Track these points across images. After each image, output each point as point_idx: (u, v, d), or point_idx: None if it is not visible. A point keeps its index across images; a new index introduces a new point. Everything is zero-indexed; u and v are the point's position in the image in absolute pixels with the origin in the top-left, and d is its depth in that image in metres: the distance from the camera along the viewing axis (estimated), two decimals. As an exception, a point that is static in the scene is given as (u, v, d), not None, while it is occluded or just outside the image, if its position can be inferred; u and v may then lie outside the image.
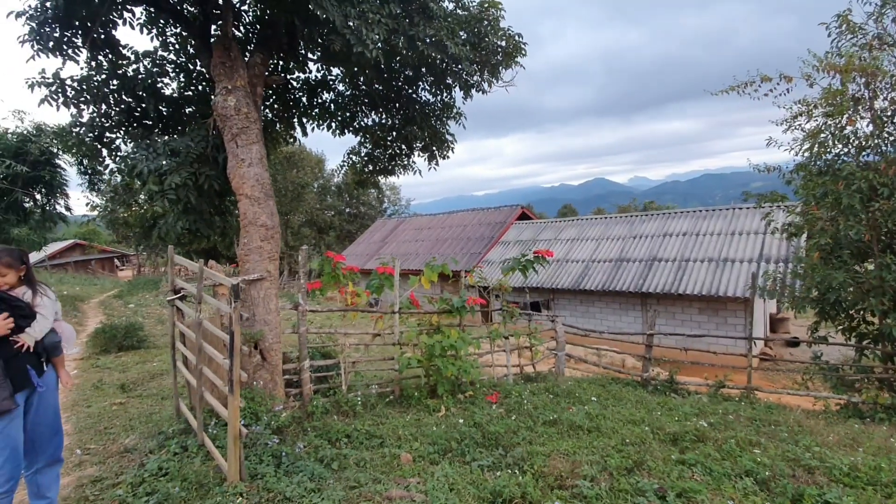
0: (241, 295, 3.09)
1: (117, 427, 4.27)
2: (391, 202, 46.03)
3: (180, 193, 4.66)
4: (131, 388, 6.02)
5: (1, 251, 2.49)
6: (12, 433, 2.33)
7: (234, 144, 4.51)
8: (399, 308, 6.08)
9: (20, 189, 14.67)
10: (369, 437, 4.44)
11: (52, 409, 2.62)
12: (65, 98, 5.20)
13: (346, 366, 5.61)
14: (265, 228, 4.67)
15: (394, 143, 7.73)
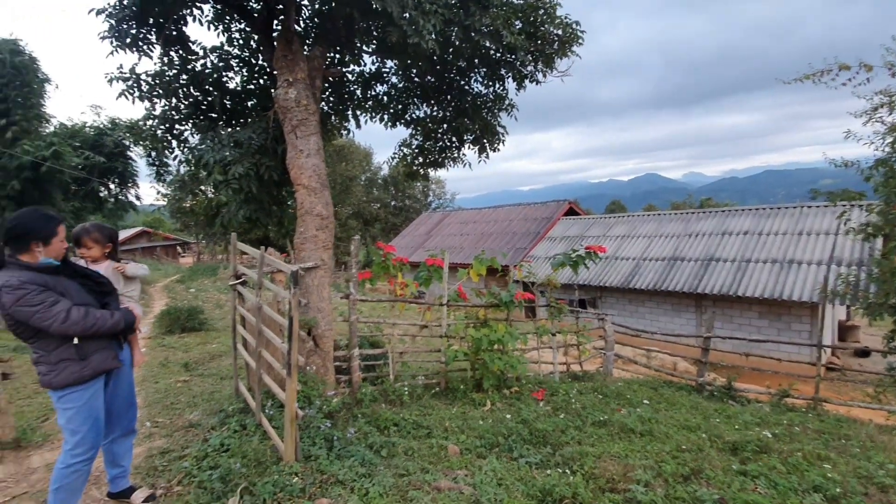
0: (299, 282, 3.18)
1: (182, 403, 4.54)
2: (436, 196, 46.31)
3: (243, 183, 4.86)
4: (193, 367, 6.38)
5: (93, 225, 2.68)
6: (96, 404, 2.49)
7: (294, 135, 4.64)
8: (447, 300, 6.09)
9: (97, 179, 15.89)
10: (417, 426, 4.48)
11: (128, 384, 2.79)
12: (140, 92, 5.52)
13: (393, 356, 5.68)
14: (320, 218, 4.78)
15: (444, 136, 7.72)
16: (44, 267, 2.29)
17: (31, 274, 2.23)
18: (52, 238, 2.32)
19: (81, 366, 2.37)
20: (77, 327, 2.26)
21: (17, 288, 2.15)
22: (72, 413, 2.40)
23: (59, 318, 2.21)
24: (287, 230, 6.26)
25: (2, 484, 3.02)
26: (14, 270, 2.23)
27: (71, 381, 2.35)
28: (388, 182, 43.25)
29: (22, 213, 2.32)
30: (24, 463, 3.34)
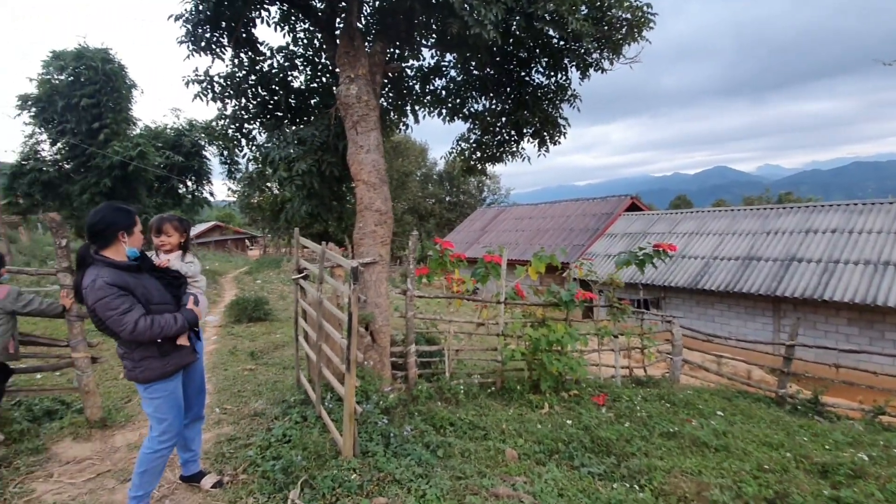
0: (358, 278, 3.17)
1: (248, 391, 4.73)
2: (491, 191, 45.94)
3: (305, 179, 4.97)
4: (259, 356, 6.67)
5: (171, 215, 2.81)
6: (178, 393, 2.61)
7: (354, 131, 4.67)
8: (504, 298, 5.94)
9: (176, 177, 17.13)
10: (473, 427, 4.40)
11: (199, 372, 2.90)
12: (213, 93, 5.80)
13: (449, 353, 5.62)
14: (379, 213, 4.79)
15: (503, 129, 7.54)
16: (127, 265, 2.38)
17: (114, 274, 2.28)
18: (133, 227, 2.43)
19: (163, 362, 2.47)
20: (144, 336, 2.32)
21: (99, 289, 2.22)
22: (159, 402, 2.51)
23: (128, 329, 2.27)
24: (346, 225, 6.37)
25: (88, 461, 3.26)
26: (100, 268, 2.29)
27: (155, 377, 2.46)
28: (443, 178, 43.44)
29: (101, 208, 2.42)
30: (108, 441, 3.60)
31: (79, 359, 3.67)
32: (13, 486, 2.89)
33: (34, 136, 15.60)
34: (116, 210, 2.42)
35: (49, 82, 14.73)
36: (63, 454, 3.36)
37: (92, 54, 14.57)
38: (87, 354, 3.69)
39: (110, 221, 2.37)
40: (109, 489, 2.95)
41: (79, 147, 14.82)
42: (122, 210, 2.45)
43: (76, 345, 3.66)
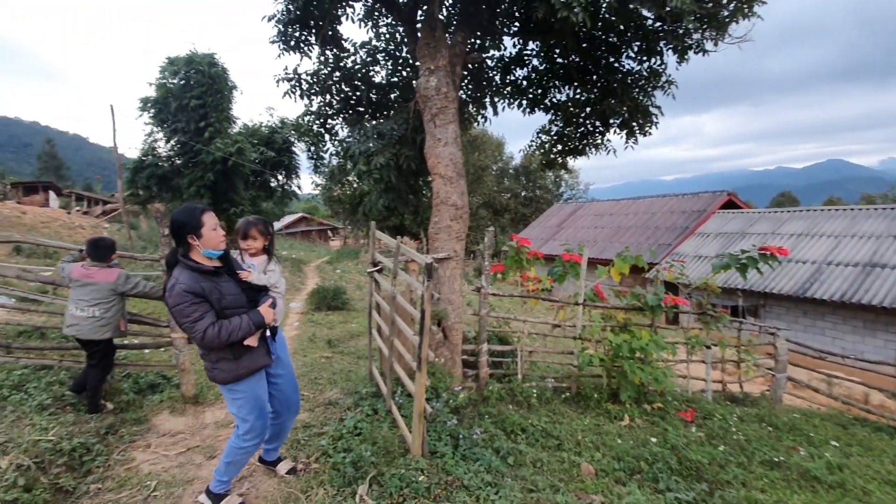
0: (432, 274, 3.09)
1: (324, 379, 4.88)
2: (569, 186, 44.40)
3: (383, 173, 5.00)
4: (335, 345, 6.91)
5: (256, 219, 2.81)
6: (260, 394, 2.63)
7: (433, 124, 4.60)
8: (584, 300, 5.60)
9: (269, 171, 18.42)
10: (546, 435, 4.17)
11: (288, 368, 2.92)
12: (300, 91, 6.04)
13: (522, 354, 5.42)
14: (455, 208, 4.69)
15: (587, 120, 7.12)
16: (205, 269, 2.38)
17: (192, 279, 2.30)
18: (200, 228, 2.35)
19: (236, 365, 2.47)
20: (213, 344, 2.33)
21: (177, 295, 2.26)
22: (240, 402, 2.56)
23: (198, 336, 2.31)
24: (422, 219, 6.37)
25: (181, 435, 3.52)
26: (181, 271, 2.33)
27: (229, 379, 2.48)
28: (519, 172, 42.69)
29: (176, 210, 2.45)
30: (199, 417, 3.86)
31: (176, 339, 3.97)
32: (117, 452, 3.18)
33: (152, 135, 17.54)
34: (183, 211, 2.39)
35: (165, 86, 16.46)
36: (160, 426, 3.65)
37: (200, 59, 16.04)
38: (183, 335, 3.98)
39: (179, 223, 2.36)
40: (197, 464, 3.14)
41: (187, 144, 16.41)
42: (186, 210, 2.39)
43: (174, 326, 3.97)
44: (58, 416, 3.34)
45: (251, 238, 2.74)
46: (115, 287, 3.57)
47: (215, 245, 2.41)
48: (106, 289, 3.54)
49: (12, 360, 3.85)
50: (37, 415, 3.30)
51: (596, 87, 6.88)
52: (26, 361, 3.88)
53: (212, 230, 2.38)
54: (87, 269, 3.57)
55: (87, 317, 3.48)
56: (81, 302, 3.48)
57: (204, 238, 2.36)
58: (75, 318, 3.48)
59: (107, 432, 3.37)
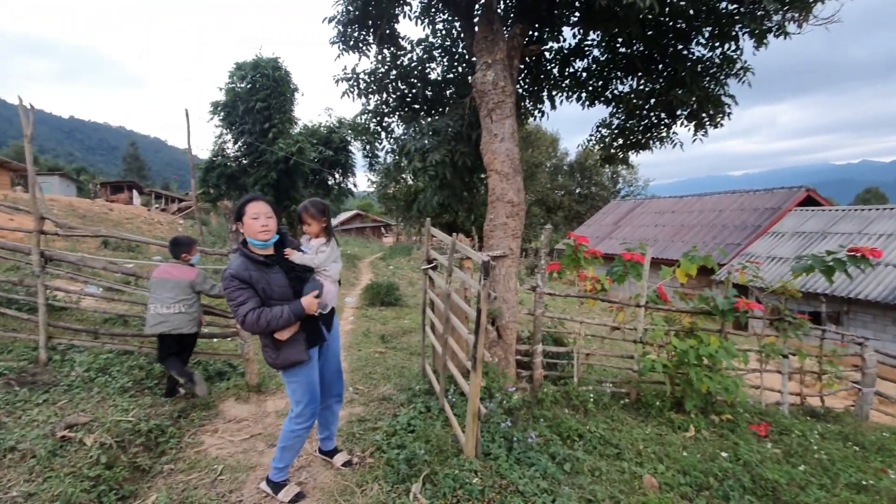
0: (489, 272, 3.02)
1: (378, 374, 4.94)
2: (626, 182, 42.67)
3: (438, 169, 4.98)
4: (388, 340, 7.01)
5: (309, 203, 2.81)
6: (311, 379, 2.71)
7: (489, 119, 4.52)
8: (646, 301, 5.31)
9: (327, 170, 19.07)
10: (604, 442, 3.99)
11: (335, 357, 3.01)
12: (358, 90, 6.14)
13: (579, 356, 5.22)
14: (511, 205, 4.59)
15: (651, 112, 6.75)
16: (256, 258, 2.45)
17: (242, 266, 2.41)
18: (241, 217, 2.45)
19: (276, 355, 2.56)
20: (253, 329, 2.40)
21: (225, 279, 2.41)
22: (294, 386, 2.66)
23: (239, 320, 2.40)
24: (476, 216, 6.31)
25: (245, 422, 3.68)
26: (237, 257, 2.48)
27: (272, 365, 2.60)
28: (573, 168, 41.54)
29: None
30: (262, 405, 4.03)
31: (242, 330, 4.16)
32: (188, 435, 3.37)
33: (221, 137, 18.65)
34: (239, 200, 2.53)
35: (233, 90, 17.44)
36: (227, 412, 3.84)
37: (265, 63, 16.85)
38: (248, 326, 4.16)
39: (235, 213, 2.50)
40: (259, 451, 3.27)
41: (253, 145, 17.31)
42: (241, 199, 2.52)
43: (240, 317, 4.16)
44: (137, 399, 3.59)
45: (305, 223, 2.76)
46: (193, 284, 3.79)
47: (254, 234, 2.44)
48: (185, 285, 3.77)
49: (98, 344, 4.20)
50: (119, 396, 3.57)
51: (662, 77, 6.50)
52: (111, 346, 4.22)
53: (251, 219, 2.43)
54: (169, 267, 3.82)
55: (174, 313, 3.71)
56: (167, 299, 3.71)
57: (245, 226, 2.45)
58: (163, 316, 3.70)
59: (179, 416, 3.58)
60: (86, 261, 4.13)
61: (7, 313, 4.19)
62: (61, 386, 3.59)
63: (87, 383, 3.71)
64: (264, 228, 2.46)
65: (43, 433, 2.86)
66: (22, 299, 4.61)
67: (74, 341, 4.19)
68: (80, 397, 3.47)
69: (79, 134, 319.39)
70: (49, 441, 2.77)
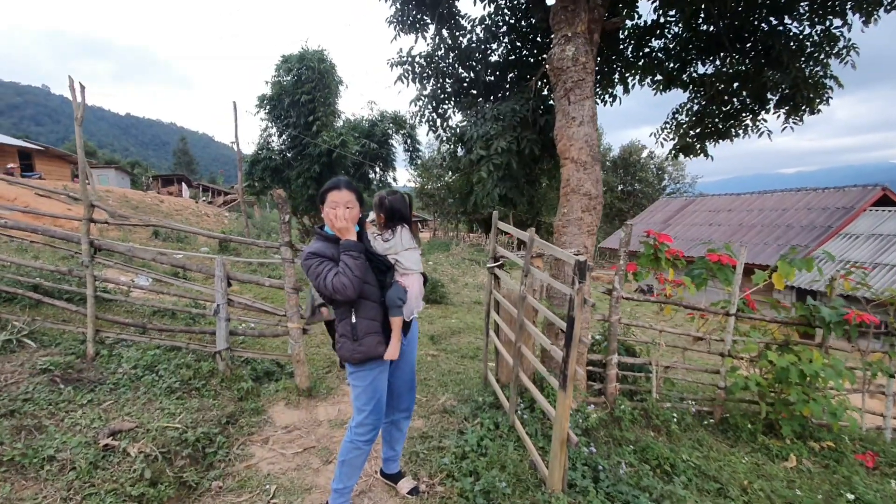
0: (585, 275, 2.54)
1: (433, 381, 4.54)
2: (672, 179, 40.80)
3: (503, 158, 4.51)
4: (438, 341, 6.61)
5: (376, 196, 2.56)
6: (379, 385, 2.40)
7: (567, 100, 4.01)
8: (736, 310, 4.66)
9: (369, 163, 18.90)
10: (701, 474, 3.43)
11: (410, 366, 2.63)
12: (413, 74, 5.74)
13: (658, 369, 4.64)
14: (588, 198, 4.07)
15: (736, 97, 6.03)
16: (336, 238, 2.30)
17: (322, 246, 2.31)
18: (321, 204, 2.33)
19: (354, 346, 2.31)
20: (346, 288, 2.18)
21: (306, 256, 2.27)
22: (359, 391, 2.38)
23: (329, 287, 2.19)
24: (536, 210, 5.79)
25: (297, 432, 3.35)
26: (315, 240, 2.38)
27: (346, 358, 2.34)
28: (617, 164, 39.99)
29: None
30: (313, 412, 3.70)
31: (292, 329, 3.85)
32: (237, 446, 3.07)
33: (267, 130, 18.78)
34: (323, 187, 2.39)
35: (279, 83, 17.49)
36: (277, 418, 3.53)
37: (311, 56, 16.77)
38: (298, 325, 3.85)
39: (318, 198, 2.40)
40: (314, 469, 2.92)
41: (297, 138, 17.32)
42: (325, 185, 2.39)
43: (291, 316, 3.84)
44: (184, 402, 3.33)
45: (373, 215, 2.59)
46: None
47: (328, 223, 2.31)
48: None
49: (146, 339, 3.99)
50: (165, 398, 3.31)
51: (750, 57, 5.78)
52: (158, 342, 4.00)
53: (329, 208, 2.28)
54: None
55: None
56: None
57: (323, 213, 2.32)
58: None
59: (227, 422, 3.30)
60: (135, 251, 3.92)
61: (56, 304, 4.05)
62: (107, 384, 3.37)
63: (134, 381, 3.48)
64: (335, 220, 2.27)
65: (85, 440, 2.60)
66: (72, 290, 4.47)
67: (122, 335, 4.00)
68: (126, 398, 3.24)
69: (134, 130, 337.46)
70: (91, 451, 2.51)
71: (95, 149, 66.95)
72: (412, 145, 20.63)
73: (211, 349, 3.98)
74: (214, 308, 3.85)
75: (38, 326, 3.95)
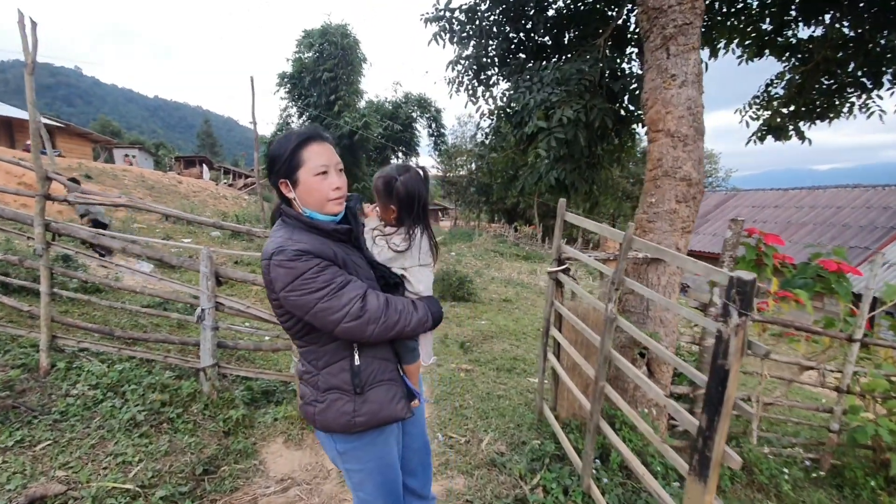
0: (751, 297, 1.60)
1: (471, 410, 3.62)
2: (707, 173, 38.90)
3: (568, 131, 3.52)
4: (469, 349, 5.72)
5: (378, 175, 1.68)
6: (389, 461, 1.54)
7: (664, 53, 2.99)
8: (862, 334, 3.62)
9: (392, 145, 18.00)
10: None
11: (421, 427, 1.79)
12: (451, 33, 4.78)
13: (758, 406, 3.64)
14: (687, 184, 3.07)
15: (844, 67, 4.90)
16: (328, 229, 1.39)
17: (314, 239, 1.35)
18: (297, 170, 1.40)
19: (355, 406, 1.41)
20: (377, 327, 1.35)
21: (292, 257, 1.27)
22: (361, 476, 1.52)
23: (353, 311, 1.30)
24: (596, 199, 4.80)
25: (296, 490, 2.46)
26: (290, 230, 1.37)
27: (339, 427, 1.42)
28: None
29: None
30: (319, 454, 2.85)
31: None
32: (213, 513, 2.22)
33: (286, 110, 18.01)
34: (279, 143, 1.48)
35: (300, 61, 16.62)
36: (272, 465, 2.68)
37: (333, 31, 15.84)
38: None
39: (282, 165, 1.49)
40: (315, 562, 2.05)
41: (318, 118, 16.48)
42: (284, 139, 1.47)
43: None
44: (149, 441, 2.50)
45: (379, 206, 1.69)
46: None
47: (320, 202, 1.40)
48: None
49: (114, 349, 3.17)
50: (124, 436, 2.48)
51: (867, 17, 4.64)
52: (130, 353, 3.18)
53: (315, 174, 1.37)
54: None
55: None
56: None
57: (302, 187, 1.38)
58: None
59: (205, 470, 2.45)
60: (99, 238, 3.11)
61: (4, 301, 3.26)
62: (52, 414, 2.56)
63: (89, 409, 2.66)
64: (339, 193, 1.41)
65: (-14, 515, 1.79)
66: (25, 284, 3.65)
67: (86, 343, 3.19)
68: (71, 436, 2.42)
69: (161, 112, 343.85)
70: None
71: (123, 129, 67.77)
72: (437, 129, 19.64)
73: (195, 363, 3.15)
74: (198, 313, 3.01)
75: (-19, 329, 3.19)
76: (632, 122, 4.50)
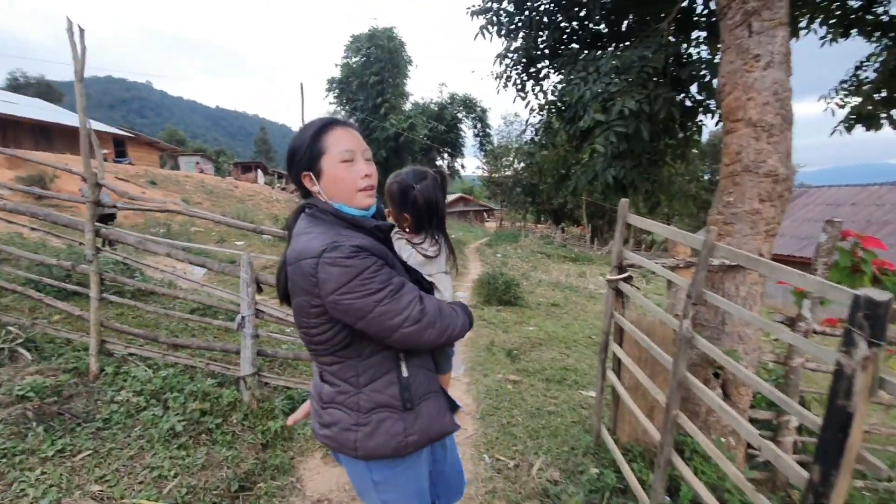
0: (885, 330, 1.28)
1: (520, 429, 3.36)
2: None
3: (630, 124, 3.19)
4: (517, 358, 5.43)
5: (393, 177, 1.58)
6: (419, 486, 1.37)
7: (746, 30, 2.62)
8: None
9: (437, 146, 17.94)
10: None
11: (453, 450, 1.61)
12: (499, 25, 4.54)
13: (856, 438, 3.15)
14: (772, 180, 2.67)
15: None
16: (370, 226, 1.23)
17: (354, 234, 1.20)
18: (319, 159, 1.25)
19: (405, 422, 1.25)
20: (433, 331, 1.22)
21: (347, 254, 1.11)
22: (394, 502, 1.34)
23: (413, 314, 1.18)
24: (658, 199, 4.40)
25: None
26: (336, 231, 1.18)
27: (390, 451, 1.24)
28: (705, 151, 36.10)
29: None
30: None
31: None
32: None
33: (335, 114, 18.37)
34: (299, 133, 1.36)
35: (348, 65, 16.89)
36: (309, 483, 2.54)
37: (380, 34, 15.97)
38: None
39: (303, 155, 1.33)
40: None
41: (365, 121, 16.68)
42: (305, 130, 1.32)
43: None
44: (186, 453, 2.43)
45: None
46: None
47: (349, 193, 1.23)
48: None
49: (159, 355, 3.18)
50: (163, 447, 2.43)
51: None
52: (173, 358, 3.17)
53: (341, 161, 1.20)
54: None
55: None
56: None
57: (326, 178, 1.21)
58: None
59: (241, 487, 2.35)
60: (146, 244, 3.12)
61: (57, 306, 3.35)
62: (95, 422, 2.56)
63: (132, 417, 2.65)
64: (368, 182, 1.24)
65: (17, 532, 1.74)
66: (76, 289, 3.75)
67: (132, 348, 3.22)
68: (112, 446, 2.39)
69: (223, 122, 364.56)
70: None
71: (185, 138, 72.17)
72: (482, 130, 19.38)
73: (235, 371, 3.09)
74: (238, 320, 2.94)
75: (35, 332, 3.28)
76: (698, 112, 4.08)
